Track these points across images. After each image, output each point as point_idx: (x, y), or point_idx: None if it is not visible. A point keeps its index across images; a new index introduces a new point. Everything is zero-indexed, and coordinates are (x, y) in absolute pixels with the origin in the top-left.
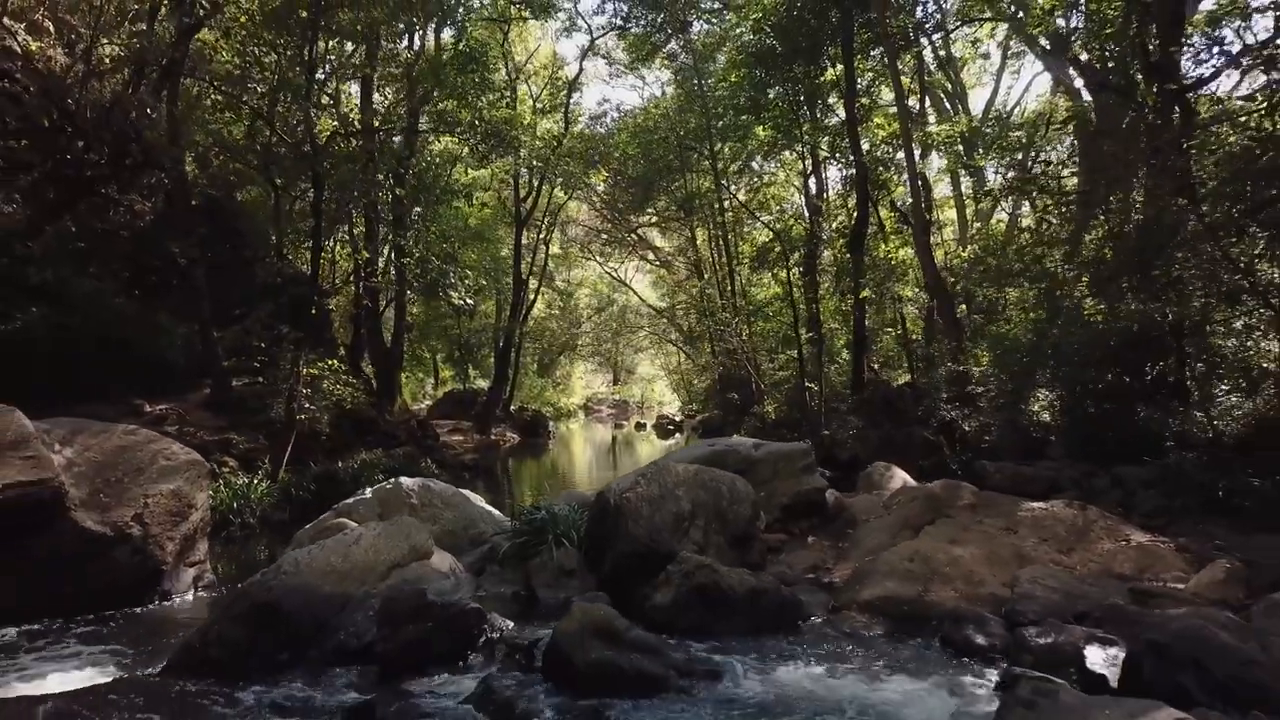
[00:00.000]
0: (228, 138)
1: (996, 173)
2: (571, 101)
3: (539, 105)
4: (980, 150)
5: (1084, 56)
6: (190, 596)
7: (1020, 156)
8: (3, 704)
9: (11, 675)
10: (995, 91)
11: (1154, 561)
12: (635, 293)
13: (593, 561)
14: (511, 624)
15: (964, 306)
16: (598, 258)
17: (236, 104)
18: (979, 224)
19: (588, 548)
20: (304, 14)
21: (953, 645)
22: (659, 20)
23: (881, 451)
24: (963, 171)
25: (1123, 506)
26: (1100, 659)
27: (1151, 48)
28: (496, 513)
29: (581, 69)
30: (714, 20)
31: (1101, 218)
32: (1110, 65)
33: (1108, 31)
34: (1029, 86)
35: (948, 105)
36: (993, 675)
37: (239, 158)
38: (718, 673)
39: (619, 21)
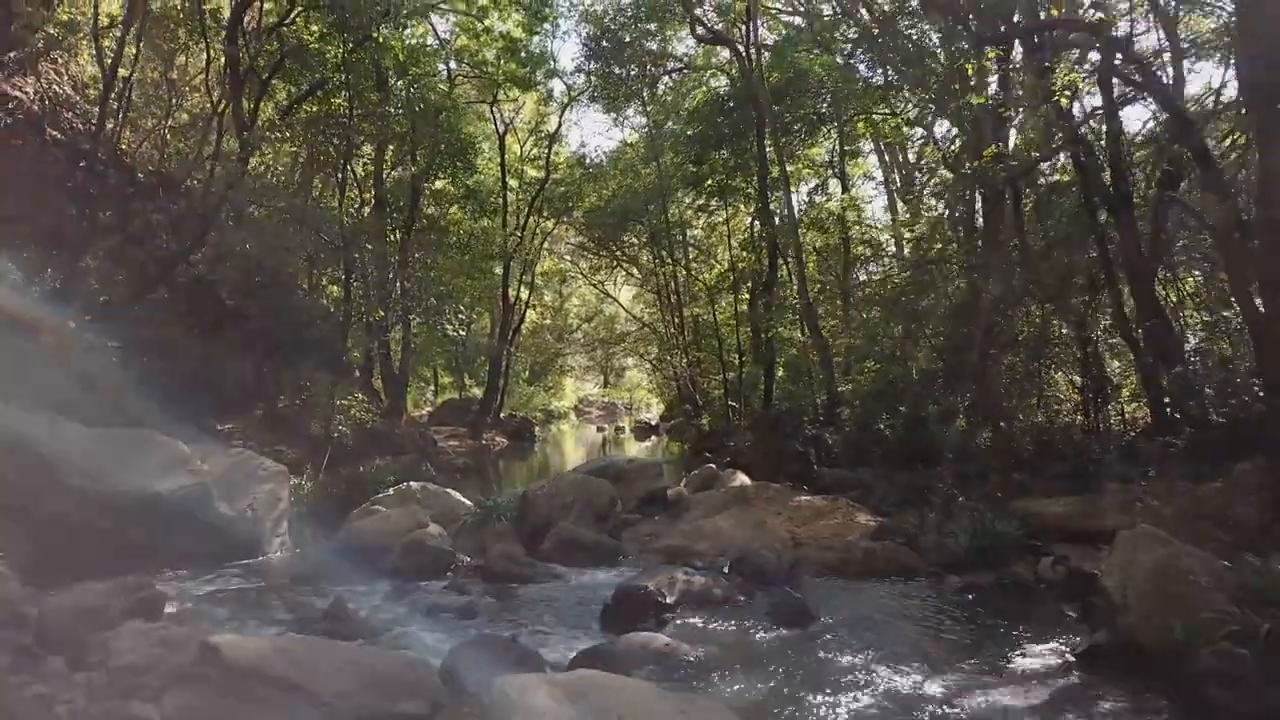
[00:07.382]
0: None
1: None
2: (552, 151)
3: (524, 153)
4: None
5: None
6: (279, 555)
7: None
8: (216, 593)
9: (199, 587)
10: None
11: (849, 530)
12: (620, 304)
13: (518, 529)
14: (469, 558)
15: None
16: (585, 272)
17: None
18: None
19: (516, 522)
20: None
21: (688, 566)
22: (630, 73)
23: (765, 460)
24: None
25: (880, 499)
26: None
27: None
28: (469, 503)
29: (561, 122)
30: (676, 77)
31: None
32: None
33: (954, 134)
34: None
35: (884, 149)
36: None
37: (285, 246)
38: (563, 575)
39: (595, 80)
